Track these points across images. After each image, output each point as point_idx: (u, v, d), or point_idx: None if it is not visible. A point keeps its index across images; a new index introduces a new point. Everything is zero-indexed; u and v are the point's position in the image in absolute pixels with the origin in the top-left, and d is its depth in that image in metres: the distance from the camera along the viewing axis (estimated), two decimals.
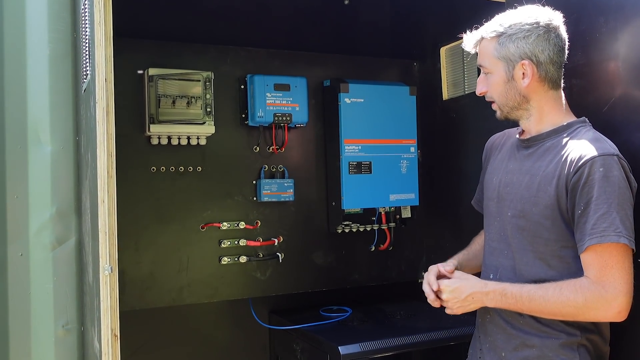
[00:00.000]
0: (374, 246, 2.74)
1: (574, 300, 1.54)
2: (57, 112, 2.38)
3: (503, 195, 1.76)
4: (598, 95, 1.83)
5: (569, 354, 1.61)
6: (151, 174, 2.38)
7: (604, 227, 1.50)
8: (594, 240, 1.51)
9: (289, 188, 2.54)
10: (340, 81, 2.59)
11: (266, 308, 2.66)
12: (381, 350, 2.17)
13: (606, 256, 1.51)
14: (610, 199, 1.51)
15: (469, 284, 1.69)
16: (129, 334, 1.88)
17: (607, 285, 1.51)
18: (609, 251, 1.51)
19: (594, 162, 1.54)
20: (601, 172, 1.52)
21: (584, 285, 1.53)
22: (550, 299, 1.56)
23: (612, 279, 1.51)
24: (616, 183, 1.52)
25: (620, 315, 1.52)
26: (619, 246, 1.51)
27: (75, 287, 2.38)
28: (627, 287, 1.51)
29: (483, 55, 1.71)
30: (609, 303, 1.51)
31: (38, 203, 2.35)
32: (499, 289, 1.64)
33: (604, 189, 1.51)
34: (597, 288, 1.52)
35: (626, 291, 1.51)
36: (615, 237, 1.49)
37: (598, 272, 1.52)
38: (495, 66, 1.68)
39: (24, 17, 2.35)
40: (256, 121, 2.47)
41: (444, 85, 2.69)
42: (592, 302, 1.52)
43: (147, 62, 2.34)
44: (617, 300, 1.51)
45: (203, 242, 2.45)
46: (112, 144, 1.47)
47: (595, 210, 1.52)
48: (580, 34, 1.73)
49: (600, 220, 1.51)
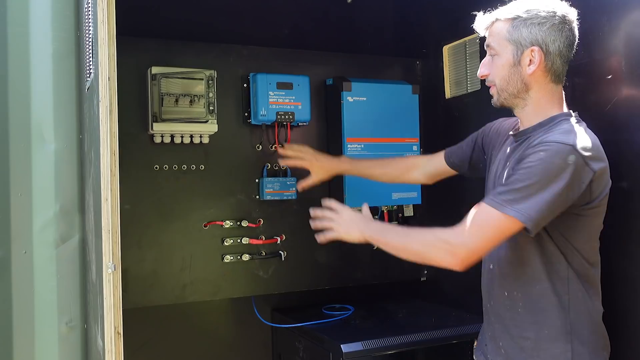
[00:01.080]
0: None
1: (426, 236, 1.65)
2: (60, 110, 2.39)
3: (491, 187, 1.80)
4: (601, 94, 1.83)
5: (562, 346, 1.62)
6: (154, 172, 2.39)
7: (508, 199, 1.53)
8: (492, 203, 1.55)
9: (291, 186, 2.54)
10: (343, 79, 2.59)
11: (269, 306, 2.67)
12: (383, 349, 2.17)
13: (484, 217, 1.56)
14: (532, 179, 1.52)
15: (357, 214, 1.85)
16: (132, 332, 1.89)
17: (460, 235, 1.58)
18: (491, 216, 1.55)
19: (540, 145, 1.55)
20: (541, 155, 1.53)
21: (444, 229, 1.61)
22: (411, 234, 1.72)
23: (470, 234, 1.57)
24: (549, 169, 1.52)
25: (456, 264, 1.58)
26: (502, 217, 1.53)
27: (78, 285, 2.39)
28: (475, 246, 1.57)
29: (493, 36, 1.69)
30: (450, 248, 1.58)
31: (42, 201, 2.35)
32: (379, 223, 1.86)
33: (532, 169, 1.53)
34: (452, 233, 1.59)
35: (473, 248, 1.57)
36: (510, 210, 1.52)
37: (465, 223, 1.58)
38: (504, 48, 1.67)
39: (28, 16, 2.36)
40: (259, 119, 2.48)
41: (447, 83, 2.69)
42: (439, 242, 1.61)
43: (150, 61, 2.34)
44: (458, 249, 1.57)
45: (206, 240, 2.46)
46: (115, 143, 1.47)
47: (514, 182, 1.54)
48: (583, 32, 1.72)
49: (510, 192, 1.54)
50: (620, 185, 1.72)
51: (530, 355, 1.66)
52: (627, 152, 1.63)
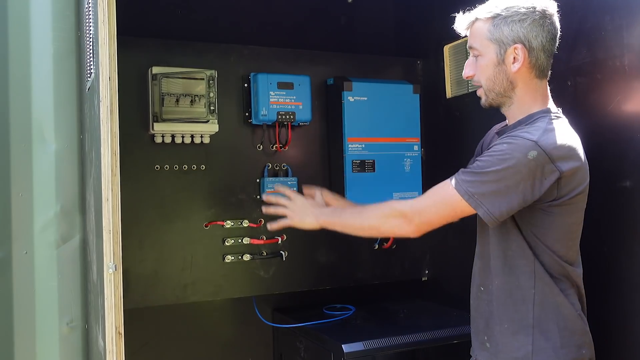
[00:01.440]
0: (377, 244, 2.74)
1: (380, 208, 1.71)
2: (61, 110, 2.39)
3: None
4: (603, 93, 1.82)
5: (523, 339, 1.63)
6: (155, 172, 2.39)
7: (465, 179, 1.58)
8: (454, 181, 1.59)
9: (292, 186, 2.54)
10: (344, 79, 2.59)
11: (270, 306, 2.67)
12: (385, 349, 2.17)
13: (442, 193, 1.62)
14: (491, 167, 1.55)
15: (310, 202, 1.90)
16: (133, 332, 1.89)
17: (414, 205, 1.65)
18: (447, 193, 1.60)
19: (506, 138, 1.58)
20: (504, 147, 1.56)
21: (398, 201, 1.71)
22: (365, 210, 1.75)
23: (423, 204, 1.65)
24: (508, 161, 1.53)
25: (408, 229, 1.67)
26: (457, 196, 1.58)
27: (79, 285, 2.39)
28: (427, 217, 1.64)
29: (475, 37, 1.68)
30: (401, 214, 1.65)
31: (42, 201, 2.35)
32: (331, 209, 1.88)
33: (492, 160, 1.55)
34: (405, 203, 1.67)
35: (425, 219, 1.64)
36: (462, 189, 1.57)
37: (424, 196, 1.67)
38: (487, 48, 1.66)
39: (28, 16, 2.36)
40: (260, 119, 2.47)
41: (448, 83, 2.68)
42: (395, 210, 1.68)
43: (151, 61, 2.34)
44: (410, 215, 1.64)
45: (207, 240, 2.46)
46: (116, 143, 1.47)
47: (474, 168, 1.58)
48: (586, 32, 1.72)
49: (468, 175, 1.58)
50: (622, 184, 1.72)
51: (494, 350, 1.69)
52: (629, 151, 1.63)
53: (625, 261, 1.77)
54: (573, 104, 1.76)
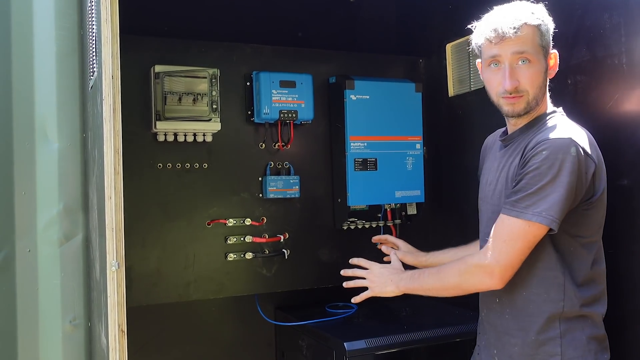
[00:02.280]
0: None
1: (458, 269, 1.65)
2: (64, 109, 2.39)
3: (486, 194, 1.80)
4: (602, 92, 1.82)
5: (551, 350, 1.61)
6: (157, 170, 2.39)
7: (526, 204, 1.54)
8: (512, 213, 1.56)
9: (294, 185, 2.55)
10: (346, 78, 2.59)
11: (272, 304, 2.67)
12: (387, 347, 2.17)
13: (507, 229, 1.57)
14: (544, 179, 1.53)
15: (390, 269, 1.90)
16: (135, 330, 1.89)
17: (490, 254, 1.59)
18: (514, 227, 1.56)
19: (543, 144, 1.56)
20: (544, 154, 1.54)
21: (472, 255, 1.65)
22: (442, 273, 1.70)
23: (498, 250, 1.57)
24: (558, 166, 1.52)
25: (492, 282, 1.59)
26: (526, 224, 1.54)
27: (82, 283, 2.39)
28: (507, 261, 1.57)
29: (526, 42, 1.61)
30: (483, 269, 1.59)
31: (45, 199, 2.36)
32: (410, 272, 1.83)
33: (541, 169, 1.54)
34: (480, 255, 1.61)
35: (504, 264, 1.57)
36: (531, 216, 1.53)
37: (491, 241, 1.60)
38: (538, 55, 1.63)
39: (31, 15, 2.36)
40: (262, 118, 2.48)
41: (450, 81, 2.68)
42: (472, 267, 1.61)
43: (153, 59, 2.35)
44: (491, 267, 1.57)
45: (209, 238, 2.46)
46: (119, 141, 1.47)
47: (526, 187, 1.55)
48: (585, 30, 1.72)
49: (527, 198, 1.54)
50: (621, 183, 1.71)
51: None
52: (628, 149, 1.63)
53: (623, 260, 1.77)
54: (573, 103, 1.75)
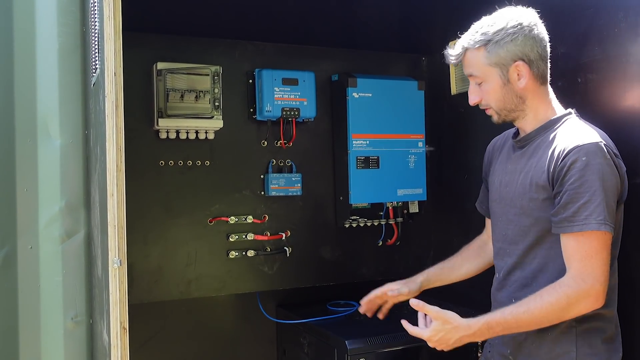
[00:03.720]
0: (381, 241, 2.74)
1: (557, 302, 1.56)
2: (66, 106, 2.39)
3: (504, 196, 1.79)
4: (615, 91, 1.81)
5: (566, 347, 1.62)
6: (160, 168, 2.39)
7: (585, 215, 1.53)
8: (575, 228, 1.54)
9: (296, 182, 2.54)
10: (349, 76, 2.59)
11: (273, 302, 2.67)
12: (388, 345, 2.17)
13: (587, 246, 1.54)
14: (593, 186, 1.53)
15: (453, 330, 1.66)
16: (137, 327, 1.90)
17: (586, 277, 1.54)
18: (590, 240, 1.54)
19: (578, 151, 1.56)
20: (584, 160, 1.55)
21: (563, 283, 1.56)
22: (535, 311, 1.58)
23: (591, 269, 1.54)
24: (599, 170, 1.54)
25: (598, 303, 1.55)
26: (599, 234, 1.53)
27: (84, 280, 2.39)
28: (604, 276, 1.55)
29: (472, 66, 1.71)
30: (587, 293, 1.54)
31: (47, 196, 2.36)
32: (482, 324, 1.64)
33: (586, 177, 1.54)
34: (578, 282, 1.55)
35: (603, 280, 1.54)
36: (595, 225, 1.52)
37: (579, 264, 1.55)
38: (489, 73, 1.69)
39: (34, 11, 2.36)
40: (264, 115, 2.47)
41: (452, 79, 2.68)
42: (574, 297, 1.55)
43: (156, 56, 2.34)
44: (594, 289, 1.54)
45: (211, 236, 2.46)
46: (121, 138, 1.47)
47: (578, 197, 1.54)
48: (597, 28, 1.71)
49: (583, 208, 1.54)
50: (635, 181, 1.71)
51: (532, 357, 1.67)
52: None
53: (638, 259, 1.76)
54: (584, 101, 1.75)
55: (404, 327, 1.77)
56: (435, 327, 1.70)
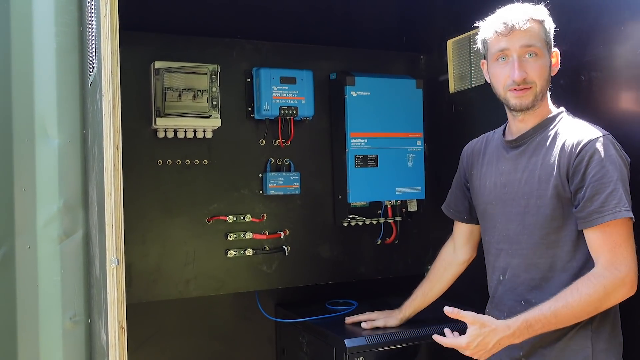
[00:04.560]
0: (380, 240, 2.73)
1: (596, 293, 1.55)
2: (64, 105, 2.39)
3: (502, 197, 1.78)
4: (619, 89, 1.81)
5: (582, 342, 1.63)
6: (157, 167, 2.39)
7: (614, 204, 1.54)
8: (607, 217, 1.54)
9: (295, 181, 2.54)
10: (347, 74, 2.58)
11: (272, 301, 2.67)
12: (387, 344, 2.17)
13: (615, 235, 1.55)
14: (613, 176, 1.55)
15: (492, 333, 1.62)
16: (135, 326, 1.90)
17: (619, 265, 1.54)
18: (617, 229, 1.55)
19: (593, 144, 1.58)
20: (601, 153, 1.57)
21: (597, 274, 1.56)
22: (574, 304, 1.56)
23: (623, 257, 1.55)
24: (615, 161, 1.57)
25: (633, 290, 1.56)
26: (626, 221, 1.55)
27: (82, 280, 2.39)
28: (634, 262, 1.56)
29: (534, 35, 1.67)
30: (622, 282, 1.55)
31: (45, 196, 2.36)
32: (521, 323, 1.60)
33: (606, 168, 1.56)
34: (612, 271, 1.55)
35: (634, 266, 1.56)
36: (625, 212, 1.54)
37: (609, 254, 1.55)
38: (544, 49, 1.69)
39: (31, 11, 2.36)
40: (262, 114, 2.47)
41: (451, 78, 2.68)
42: (611, 287, 1.55)
43: (154, 55, 2.34)
44: (629, 276, 1.55)
45: (209, 235, 2.46)
46: (119, 137, 1.47)
47: (603, 189, 1.55)
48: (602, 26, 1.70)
49: (610, 197, 1.55)
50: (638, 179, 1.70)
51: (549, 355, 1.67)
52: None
53: None
54: (586, 99, 1.74)
55: (437, 341, 1.73)
56: (472, 332, 1.64)
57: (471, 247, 2.12)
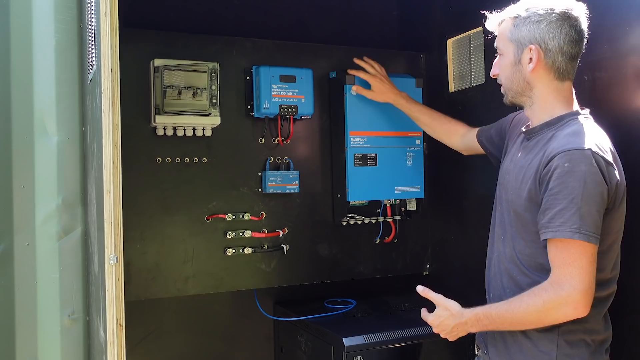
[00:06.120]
0: (379, 238, 2.73)
1: (534, 305, 1.56)
2: (63, 102, 2.39)
3: (504, 183, 1.81)
4: (623, 90, 1.80)
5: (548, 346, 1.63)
6: (157, 165, 2.38)
7: (560, 222, 1.51)
8: (549, 234, 1.53)
9: (294, 180, 2.54)
10: (346, 73, 2.58)
11: (271, 299, 2.67)
12: (385, 342, 2.17)
13: (565, 252, 1.53)
14: (572, 194, 1.50)
15: (451, 317, 1.74)
16: (134, 324, 1.90)
17: (563, 284, 1.52)
18: (568, 247, 1.52)
19: (561, 157, 1.54)
20: (566, 167, 1.52)
21: (542, 288, 1.56)
22: (515, 310, 1.60)
23: (569, 276, 1.52)
24: (582, 178, 1.50)
25: (577, 312, 1.53)
26: (575, 242, 1.50)
27: (81, 277, 2.39)
28: (583, 284, 1.51)
29: (499, 36, 1.73)
30: (565, 301, 1.52)
31: (44, 193, 2.36)
32: (473, 315, 1.69)
33: (566, 183, 1.51)
34: (554, 288, 1.53)
35: (582, 288, 1.51)
36: (569, 233, 1.50)
37: (557, 270, 1.54)
38: (507, 48, 1.70)
39: (30, 7, 2.35)
40: (262, 112, 2.47)
41: (451, 77, 2.67)
42: (550, 303, 1.54)
43: (153, 53, 2.34)
44: (572, 297, 1.51)
45: (208, 233, 2.46)
46: (118, 135, 1.47)
47: (555, 204, 1.52)
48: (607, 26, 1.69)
49: (558, 215, 1.52)
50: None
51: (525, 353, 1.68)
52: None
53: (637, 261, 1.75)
54: (590, 99, 1.73)
55: (422, 315, 1.85)
56: (436, 312, 1.79)
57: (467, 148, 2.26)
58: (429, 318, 1.81)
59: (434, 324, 1.79)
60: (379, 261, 2.78)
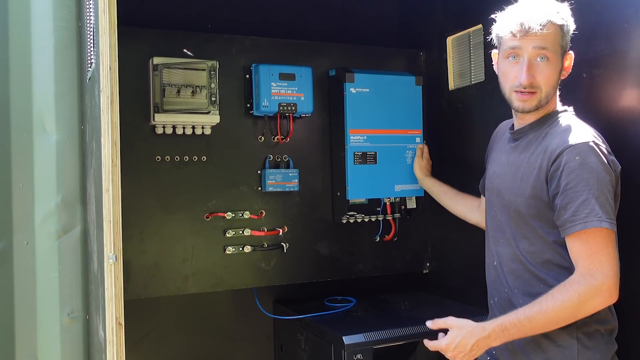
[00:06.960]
0: (378, 237, 2.73)
1: (569, 300, 1.55)
2: (62, 101, 2.38)
3: (496, 186, 1.81)
4: (621, 87, 1.80)
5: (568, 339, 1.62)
6: (156, 163, 2.38)
7: (585, 213, 1.53)
8: (578, 227, 1.54)
9: (293, 178, 2.54)
10: (346, 71, 2.58)
11: (271, 298, 2.67)
12: (385, 341, 2.17)
13: (591, 242, 1.54)
14: (588, 185, 1.53)
15: (469, 335, 1.64)
16: (133, 323, 1.90)
17: (595, 273, 1.53)
18: (593, 237, 1.54)
19: (569, 151, 1.56)
20: (577, 160, 1.55)
21: (573, 281, 1.55)
22: (548, 310, 1.56)
23: (599, 265, 1.53)
24: (594, 169, 1.54)
25: (612, 298, 1.55)
26: (602, 231, 1.53)
27: (80, 276, 2.39)
28: (613, 270, 1.54)
29: (549, 39, 1.64)
30: (599, 290, 1.53)
31: (43, 192, 2.35)
32: (497, 326, 1.61)
33: (581, 176, 1.54)
34: (586, 279, 1.54)
35: (613, 274, 1.53)
36: (597, 222, 1.52)
37: (585, 262, 1.54)
38: (556, 54, 1.66)
39: (29, 6, 2.34)
40: (261, 111, 2.47)
41: (450, 75, 2.67)
42: (585, 294, 1.54)
43: (152, 51, 2.33)
44: (605, 284, 1.53)
45: (208, 231, 2.45)
46: (117, 133, 1.46)
47: (575, 197, 1.54)
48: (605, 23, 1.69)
49: (582, 207, 1.53)
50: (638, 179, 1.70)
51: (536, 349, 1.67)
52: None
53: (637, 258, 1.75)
54: (588, 96, 1.73)
55: (426, 345, 1.75)
56: (450, 334, 1.67)
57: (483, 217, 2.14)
58: (442, 344, 1.67)
59: (449, 349, 1.66)
60: (378, 259, 2.78)
